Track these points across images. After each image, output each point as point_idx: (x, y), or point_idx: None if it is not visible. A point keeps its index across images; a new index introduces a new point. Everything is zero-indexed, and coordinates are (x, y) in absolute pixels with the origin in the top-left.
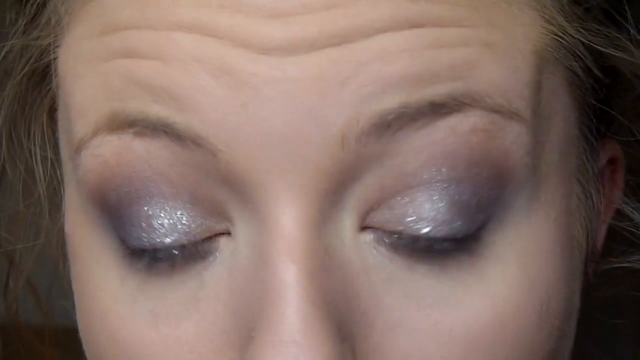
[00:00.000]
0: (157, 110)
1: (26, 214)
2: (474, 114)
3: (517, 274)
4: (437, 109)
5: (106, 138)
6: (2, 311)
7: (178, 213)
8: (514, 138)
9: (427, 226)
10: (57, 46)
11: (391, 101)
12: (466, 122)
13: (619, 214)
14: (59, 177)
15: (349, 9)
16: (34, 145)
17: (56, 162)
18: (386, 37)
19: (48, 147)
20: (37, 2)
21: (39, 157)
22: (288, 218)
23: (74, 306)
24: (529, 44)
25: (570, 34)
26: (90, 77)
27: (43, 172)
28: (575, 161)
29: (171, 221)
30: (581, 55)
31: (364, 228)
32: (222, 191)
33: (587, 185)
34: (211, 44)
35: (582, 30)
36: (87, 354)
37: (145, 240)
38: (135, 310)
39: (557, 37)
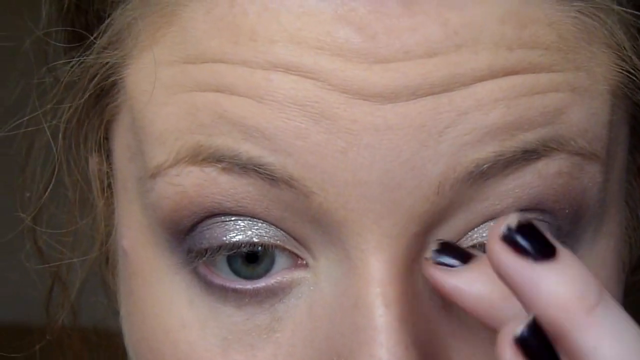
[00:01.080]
0: (249, 149)
1: (79, 225)
2: (559, 157)
3: None
4: (528, 156)
5: (187, 169)
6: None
7: (256, 222)
8: (590, 177)
9: None
10: (127, 65)
11: (487, 150)
12: (552, 166)
13: None
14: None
15: (450, 57)
16: (91, 156)
17: (109, 172)
18: (484, 86)
19: (104, 160)
20: (111, 19)
21: (95, 169)
22: (380, 262)
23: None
24: (606, 84)
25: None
26: (173, 106)
27: (100, 184)
28: (627, 186)
29: (248, 224)
30: None
31: None
32: (308, 228)
33: (634, 207)
34: (310, 87)
35: None
36: None
37: (216, 237)
38: (205, 336)
39: (628, 74)
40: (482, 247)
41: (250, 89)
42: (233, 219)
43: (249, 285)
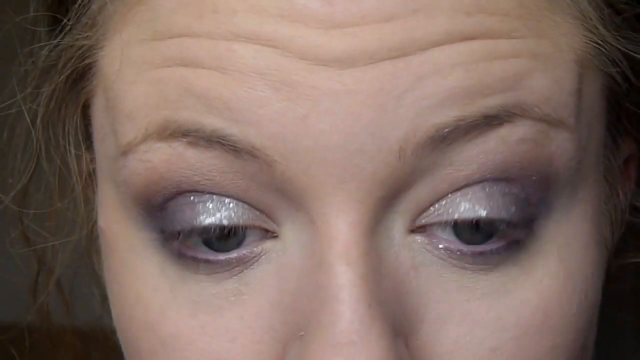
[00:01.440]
0: (212, 121)
1: (60, 210)
2: (522, 124)
3: (559, 267)
4: (490, 121)
5: (156, 145)
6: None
7: (224, 201)
8: (558, 145)
9: (484, 210)
10: (101, 47)
11: (447, 114)
12: (516, 132)
13: (634, 209)
14: (91, 172)
15: (407, 21)
16: (68, 142)
17: (88, 157)
18: (442, 50)
19: (81, 143)
20: (82, 2)
21: (73, 153)
22: (343, 223)
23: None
24: (571, 53)
25: (609, 42)
26: (142, 83)
27: (78, 168)
28: (604, 160)
29: (217, 205)
30: (618, 62)
31: (415, 230)
32: (273, 196)
33: (613, 183)
34: (271, 55)
35: (620, 38)
36: (124, 345)
37: (187, 220)
38: (175, 299)
39: (597, 45)
40: (447, 224)
41: (214, 60)
42: (203, 199)
43: (221, 256)
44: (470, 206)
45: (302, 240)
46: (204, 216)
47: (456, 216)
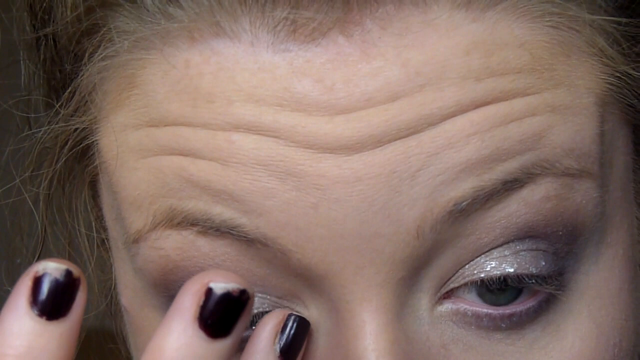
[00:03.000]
0: (220, 212)
1: None
2: (545, 182)
3: (590, 326)
4: (510, 186)
5: (166, 232)
6: None
7: None
8: (583, 195)
9: (512, 266)
10: (97, 128)
11: (464, 187)
12: (538, 191)
13: None
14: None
15: (414, 98)
16: (77, 219)
17: (102, 230)
18: (454, 122)
19: (92, 218)
20: (74, 85)
21: (83, 230)
22: (368, 312)
23: None
24: (591, 95)
25: (628, 74)
26: (142, 171)
27: (89, 244)
28: (633, 185)
29: None
30: (638, 89)
31: (440, 298)
32: (294, 282)
33: None
34: (273, 146)
35: (635, 64)
36: None
37: None
38: None
39: (614, 78)
40: (473, 285)
41: (213, 151)
42: None
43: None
44: (496, 264)
45: (327, 327)
46: None
47: (483, 275)
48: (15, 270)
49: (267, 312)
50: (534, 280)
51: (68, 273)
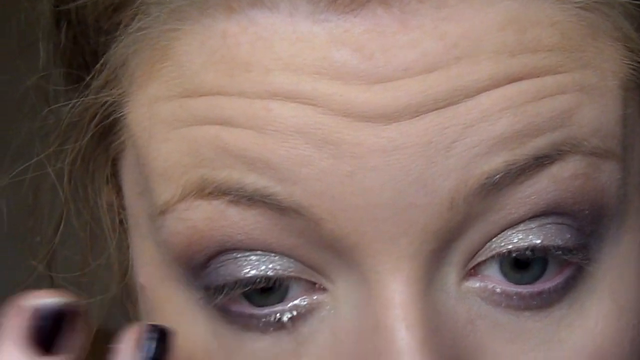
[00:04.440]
0: (254, 180)
1: (92, 266)
2: (573, 160)
3: (612, 306)
4: (541, 161)
5: (195, 203)
6: None
7: (269, 254)
8: (608, 176)
9: (538, 238)
10: (127, 102)
11: (497, 160)
12: (567, 169)
13: None
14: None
15: (451, 70)
16: (100, 197)
17: (120, 208)
18: (488, 95)
19: (113, 196)
20: (105, 58)
21: (105, 207)
22: (398, 283)
23: None
24: (616, 78)
25: None
26: (174, 142)
27: (111, 222)
28: None
29: (261, 258)
30: None
31: (467, 275)
32: (323, 254)
33: None
34: (311, 114)
35: None
36: None
37: (231, 274)
38: None
39: (637, 64)
40: (500, 256)
41: (250, 120)
42: (246, 254)
43: (266, 310)
44: (523, 236)
45: (355, 299)
46: (248, 269)
47: (510, 247)
48: (35, 248)
49: (295, 277)
50: (560, 252)
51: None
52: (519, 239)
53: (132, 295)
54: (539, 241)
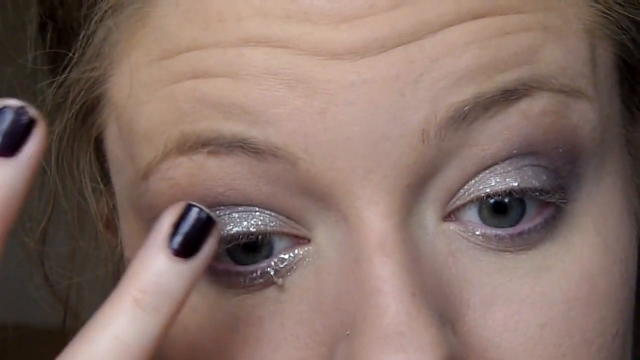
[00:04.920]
0: (231, 127)
1: (82, 248)
2: (542, 97)
3: (596, 239)
4: (508, 96)
5: (177, 160)
6: None
7: (250, 209)
8: (580, 115)
9: (515, 181)
10: (110, 76)
11: (465, 93)
12: (536, 105)
13: None
14: (111, 207)
15: (415, 6)
16: (84, 178)
17: (106, 192)
18: (453, 30)
19: (99, 179)
20: (87, 33)
21: (89, 188)
22: (376, 215)
23: None
24: (580, 23)
25: (616, 10)
26: (155, 102)
27: (97, 205)
28: (624, 133)
29: (242, 214)
30: (627, 29)
31: (447, 217)
32: (300, 199)
33: (636, 155)
34: (282, 55)
35: (626, 5)
36: None
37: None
38: (214, 316)
39: (604, 14)
40: (478, 200)
41: (225, 67)
42: (228, 212)
43: (252, 267)
44: (500, 179)
45: (337, 238)
46: (231, 226)
47: (488, 190)
48: (26, 233)
49: (277, 232)
50: (537, 193)
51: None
52: (496, 182)
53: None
54: (516, 184)
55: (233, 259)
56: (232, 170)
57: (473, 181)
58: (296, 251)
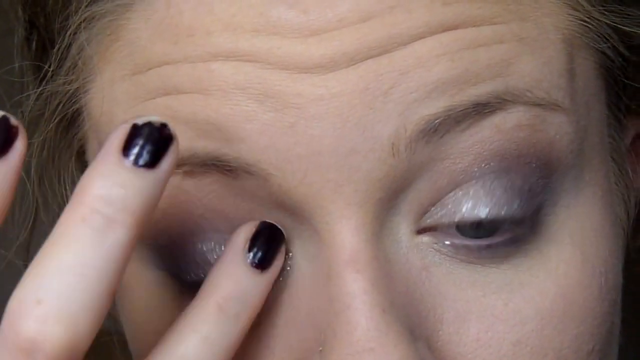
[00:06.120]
0: (204, 145)
1: None
2: (516, 110)
3: (574, 252)
4: (481, 109)
5: None
6: None
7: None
8: (556, 128)
9: (486, 208)
10: (87, 90)
11: (436, 105)
12: (510, 119)
13: None
14: None
15: (384, 19)
16: (65, 190)
17: None
18: (423, 43)
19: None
20: (62, 46)
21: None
22: (347, 230)
23: None
24: (558, 33)
25: (595, 18)
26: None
27: None
28: (609, 140)
29: (220, 242)
30: (608, 37)
31: (420, 231)
32: (276, 214)
33: (621, 162)
34: (250, 70)
35: (606, 12)
36: None
37: (202, 274)
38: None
39: (583, 23)
40: (452, 226)
41: (195, 83)
42: (206, 241)
43: None
44: (472, 205)
45: (310, 253)
46: (212, 255)
47: (458, 218)
48: (8, 244)
49: None
50: (507, 225)
51: None
52: (467, 209)
53: None
54: (484, 215)
55: None
56: (209, 189)
57: (445, 201)
58: None
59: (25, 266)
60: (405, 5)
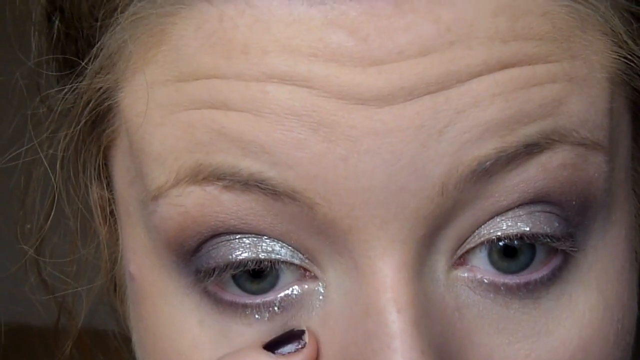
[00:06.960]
0: (249, 165)
1: (82, 254)
2: (562, 149)
3: (598, 298)
4: (530, 149)
5: (188, 189)
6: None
7: (262, 237)
8: (596, 167)
9: (527, 225)
10: (121, 88)
11: (488, 147)
12: (555, 158)
13: None
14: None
15: (444, 54)
16: (90, 183)
17: (111, 199)
18: (480, 81)
19: (104, 186)
20: (100, 43)
21: (95, 195)
22: (389, 268)
23: None
24: (604, 71)
25: (636, 55)
26: (169, 126)
27: (101, 211)
28: (632, 173)
29: (254, 241)
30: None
31: (456, 264)
32: (314, 241)
33: None
34: (306, 96)
35: None
36: None
37: (222, 256)
38: (218, 352)
39: (625, 60)
40: (489, 243)
41: (246, 102)
42: (238, 237)
43: (258, 299)
44: (512, 223)
45: (346, 286)
46: (240, 251)
47: (499, 234)
48: (25, 235)
49: (286, 261)
50: (548, 239)
51: None
52: (507, 226)
53: (120, 288)
54: (527, 229)
55: (237, 285)
56: (247, 206)
57: (484, 225)
58: (304, 286)
59: (38, 258)
60: (465, 42)
